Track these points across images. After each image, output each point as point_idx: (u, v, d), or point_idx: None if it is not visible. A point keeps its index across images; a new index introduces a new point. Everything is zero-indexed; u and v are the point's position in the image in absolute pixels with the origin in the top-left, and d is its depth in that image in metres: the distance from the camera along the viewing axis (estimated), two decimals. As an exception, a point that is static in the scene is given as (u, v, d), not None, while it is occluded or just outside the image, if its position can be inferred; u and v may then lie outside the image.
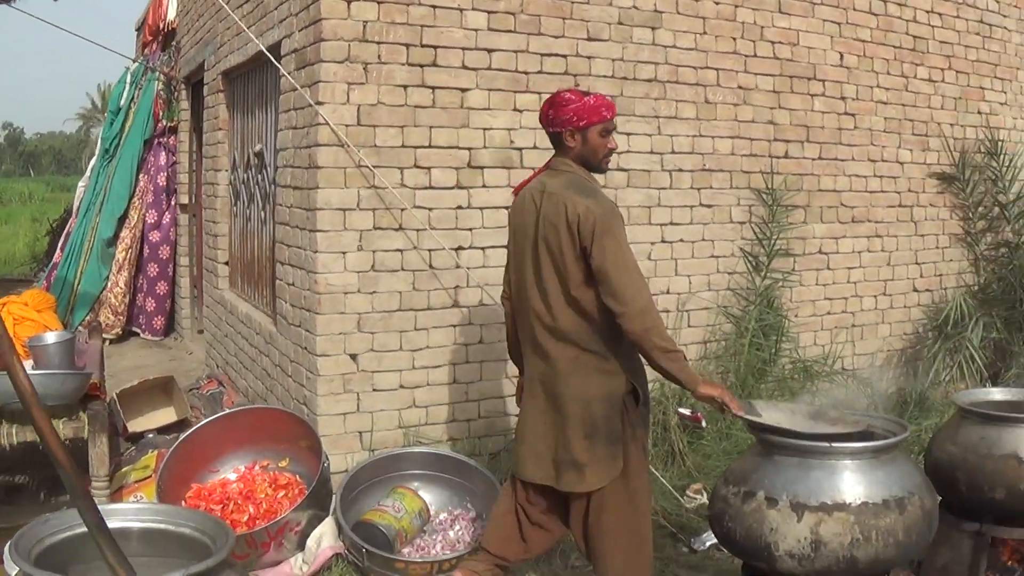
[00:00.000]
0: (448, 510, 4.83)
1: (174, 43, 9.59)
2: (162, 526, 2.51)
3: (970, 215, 7.26)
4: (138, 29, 12.73)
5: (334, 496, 4.57)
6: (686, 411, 5.43)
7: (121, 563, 2.12)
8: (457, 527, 4.70)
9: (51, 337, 4.88)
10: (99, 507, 2.42)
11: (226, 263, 7.44)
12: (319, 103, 4.86)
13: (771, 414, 3.43)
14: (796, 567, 3.02)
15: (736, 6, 5.96)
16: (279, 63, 5.36)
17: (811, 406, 3.58)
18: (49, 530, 2.37)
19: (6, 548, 2.19)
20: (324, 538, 4.41)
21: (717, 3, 5.89)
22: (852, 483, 3.05)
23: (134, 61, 10.70)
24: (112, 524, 2.41)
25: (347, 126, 4.90)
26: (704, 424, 5.46)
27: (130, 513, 2.57)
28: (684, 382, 3.47)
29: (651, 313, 3.42)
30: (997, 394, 4.12)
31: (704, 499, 4.71)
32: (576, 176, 3.63)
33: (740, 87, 6.03)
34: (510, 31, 5.26)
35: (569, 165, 3.64)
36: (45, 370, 4.62)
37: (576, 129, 3.58)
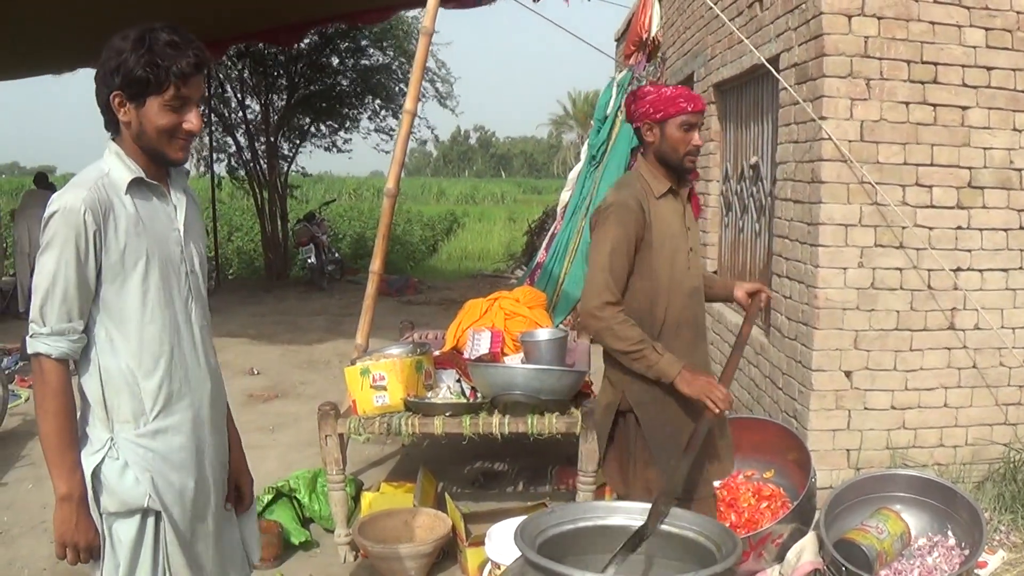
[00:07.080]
0: (928, 536, 4.80)
1: (660, 54, 10.09)
2: (666, 528, 2.67)
3: None
4: (618, 40, 13.59)
5: (818, 512, 4.71)
6: None
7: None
8: (935, 554, 4.67)
9: (543, 334, 5.34)
10: (607, 505, 2.85)
11: (714, 272, 7.71)
12: (822, 118, 5.02)
13: None
14: None
15: None
16: (779, 76, 5.58)
17: None
18: (552, 521, 2.64)
19: (513, 532, 2.49)
20: (805, 552, 4.51)
21: None
22: None
23: (618, 71, 11.32)
24: (616, 521, 2.73)
25: (850, 142, 5.04)
26: None
27: (636, 512, 2.75)
28: (662, 380, 3.32)
29: (603, 313, 3.32)
30: None
31: None
32: (630, 174, 3.59)
33: None
34: (1007, 48, 5.16)
35: (642, 164, 3.58)
36: (536, 365, 4.99)
37: (653, 122, 3.49)
